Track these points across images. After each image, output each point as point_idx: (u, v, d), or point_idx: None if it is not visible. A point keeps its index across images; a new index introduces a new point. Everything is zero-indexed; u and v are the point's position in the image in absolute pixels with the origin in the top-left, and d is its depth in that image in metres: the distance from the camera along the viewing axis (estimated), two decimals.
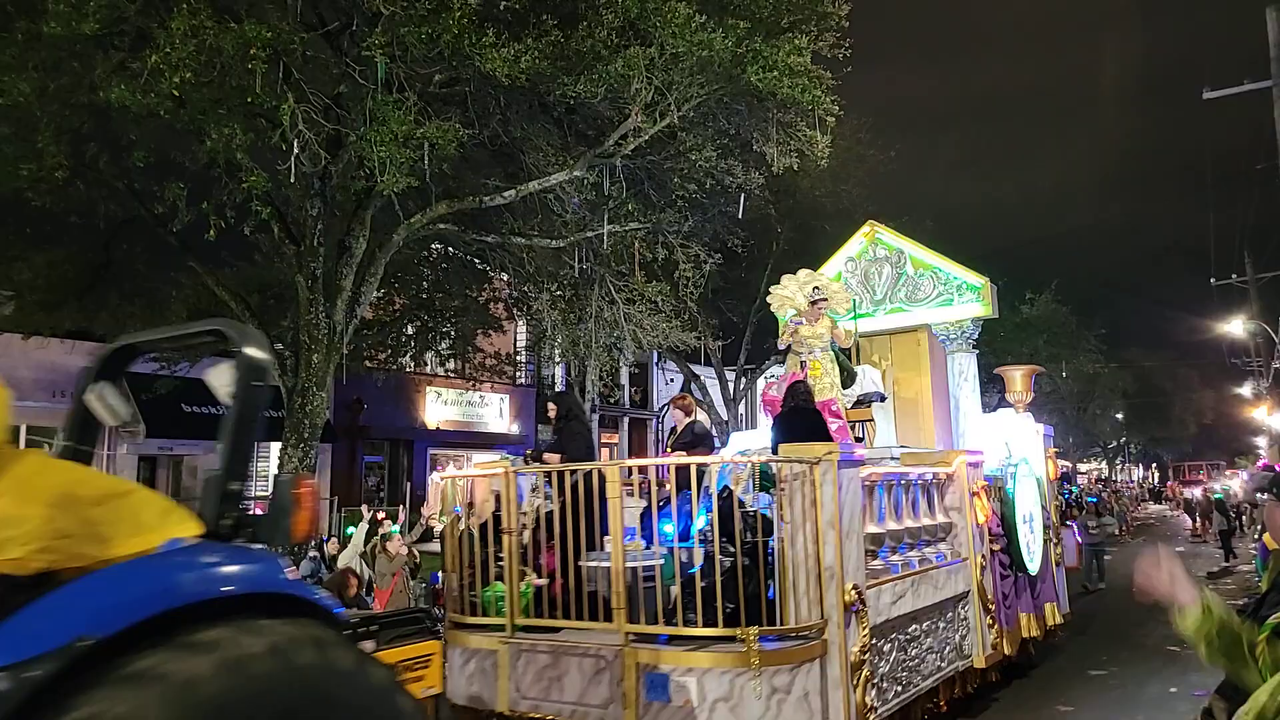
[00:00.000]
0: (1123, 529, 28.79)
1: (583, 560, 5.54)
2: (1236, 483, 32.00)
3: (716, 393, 23.63)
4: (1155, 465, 66.90)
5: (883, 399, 9.24)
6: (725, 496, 5.51)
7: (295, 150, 9.10)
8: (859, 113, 19.56)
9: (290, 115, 8.74)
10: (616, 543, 5.27)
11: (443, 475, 6.99)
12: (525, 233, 13.01)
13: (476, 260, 15.27)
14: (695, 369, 24.06)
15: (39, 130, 9.29)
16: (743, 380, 23.64)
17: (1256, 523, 16.62)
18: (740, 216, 14.71)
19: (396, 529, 11.24)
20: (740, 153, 12.26)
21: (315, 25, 9.88)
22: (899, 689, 5.99)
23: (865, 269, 10.56)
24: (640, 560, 5.50)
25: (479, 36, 8.93)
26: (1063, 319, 32.84)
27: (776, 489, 5.39)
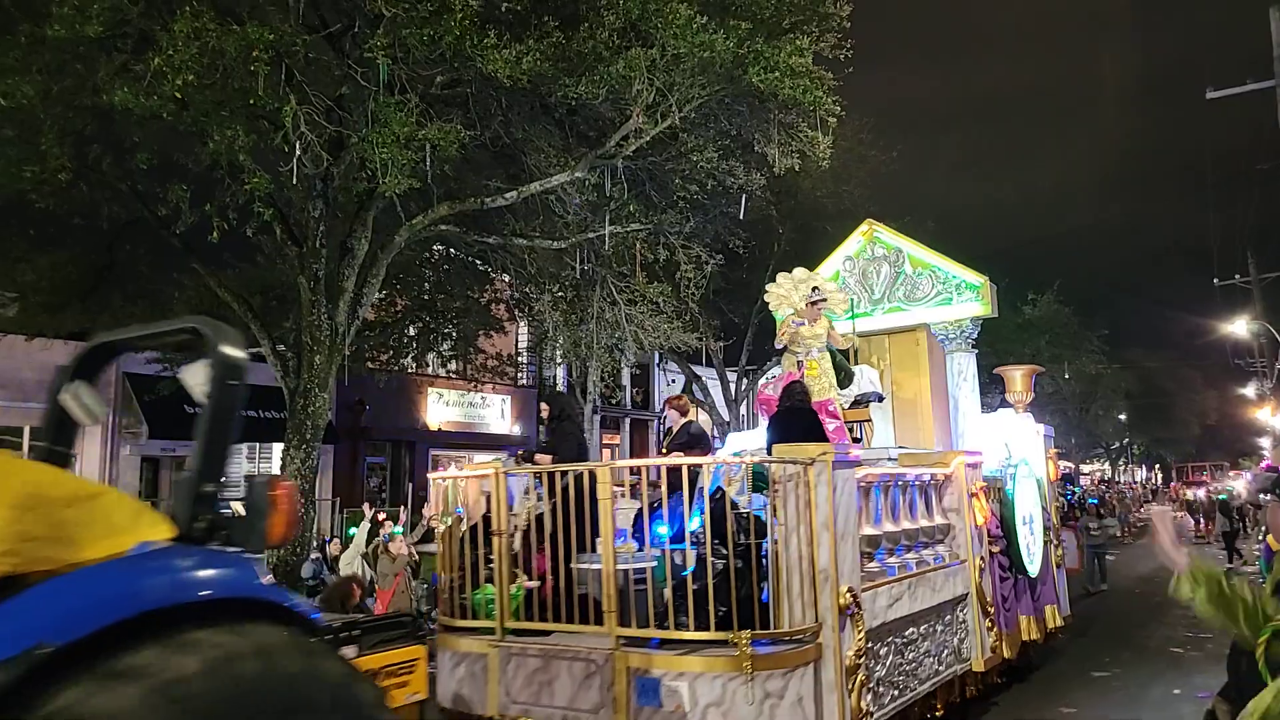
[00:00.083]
0: (1124, 530, 28.74)
1: (574, 562, 5.46)
2: (1240, 484, 31.89)
3: (718, 393, 23.64)
4: (1158, 466, 66.75)
5: (881, 399, 9.15)
6: (718, 498, 5.43)
7: (297, 152, 9.12)
8: (860, 113, 19.61)
9: (292, 117, 8.76)
10: (607, 545, 5.19)
11: (432, 476, 6.89)
12: (527, 234, 13.03)
13: (478, 261, 15.28)
14: (697, 370, 24.08)
15: (42, 132, 9.32)
16: (744, 381, 23.64)
17: (1260, 524, 16.58)
18: (742, 217, 14.72)
19: (399, 530, 11.25)
20: (742, 154, 12.26)
21: (317, 27, 9.89)
22: (895, 693, 5.92)
23: (863, 268, 10.50)
24: (632, 563, 5.43)
25: (480, 38, 8.94)
26: (1065, 320, 32.81)
27: (770, 490, 5.30)
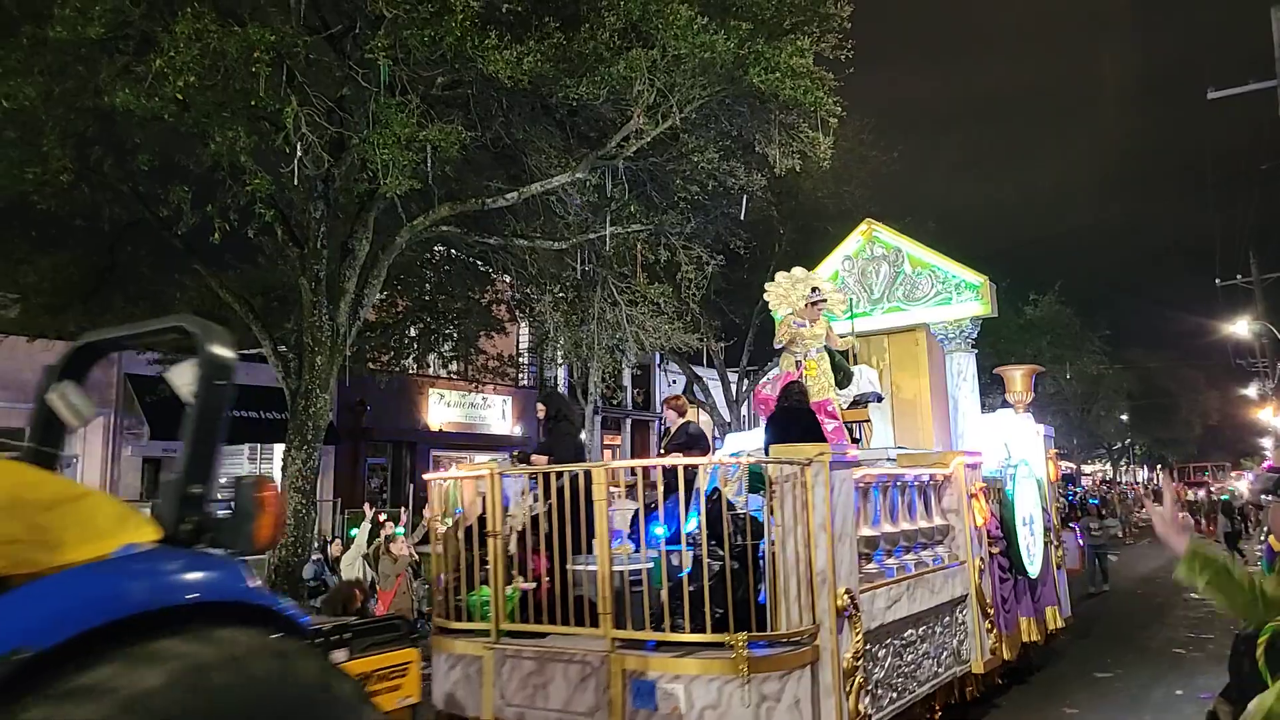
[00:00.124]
0: (1126, 531, 28.69)
1: (570, 564, 5.42)
2: (1243, 484, 31.88)
3: (719, 394, 23.64)
4: (1160, 467, 66.67)
5: (880, 399, 9.11)
6: (714, 498, 5.39)
7: (299, 153, 9.13)
8: (861, 114, 19.61)
9: (294, 118, 8.77)
10: (602, 546, 5.15)
11: (427, 477, 6.80)
12: (528, 234, 13.03)
13: (479, 262, 15.29)
14: (698, 370, 24.07)
15: (44, 134, 9.34)
16: (745, 382, 23.63)
17: (1262, 524, 16.54)
18: (742, 218, 14.73)
19: (401, 530, 11.25)
20: (742, 154, 12.27)
21: (318, 28, 9.91)
22: (894, 695, 5.87)
23: (862, 267, 10.46)
24: (627, 564, 5.38)
25: (481, 39, 8.95)
26: (1066, 320, 32.79)
27: (766, 491, 5.25)
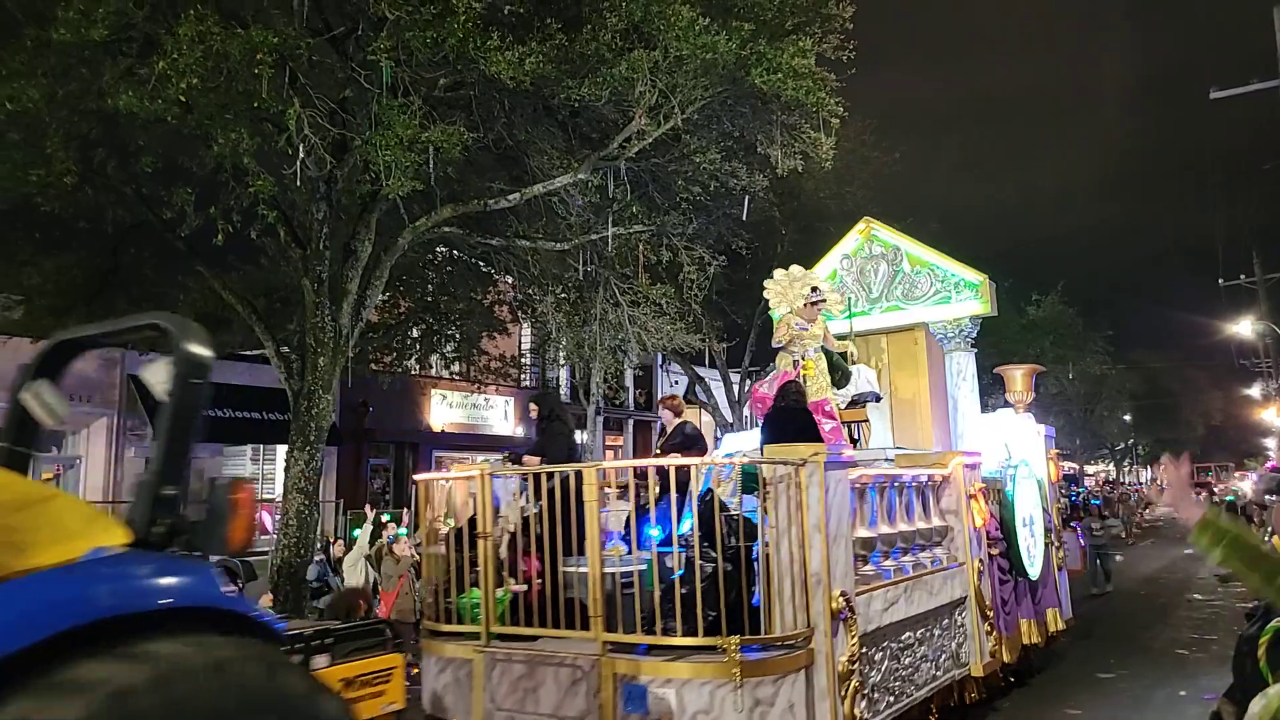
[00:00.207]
0: (1128, 531, 28.63)
1: (562, 566, 5.35)
2: (1247, 484, 31.81)
3: (721, 395, 23.64)
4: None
5: (878, 399, 9.07)
6: (707, 499, 5.33)
7: (301, 154, 9.14)
8: (863, 115, 19.61)
9: (296, 120, 8.78)
10: (593, 547, 5.08)
11: (418, 478, 6.72)
12: (530, 235, 13.04)
13: (481, 263, 15.29)
14: (700, 371, 24.07)
15: (48, 136, 9.35)
16: (747, 382, 23.60)
17: (1266, 525, 16.50)
18: (744, 219, 14.72)
19: (404, 531, 11.26)
20: (744, 155, 12.25)
21: (321, 30, 9.92)
22: (891, 699, 5.80)
23: (861, 266, 10.41)
24: (619, 566, 5.31)
25: (483, 40, 8.95)
26: (1069, 320, 32.76)
27: (760, 491, 5.18)
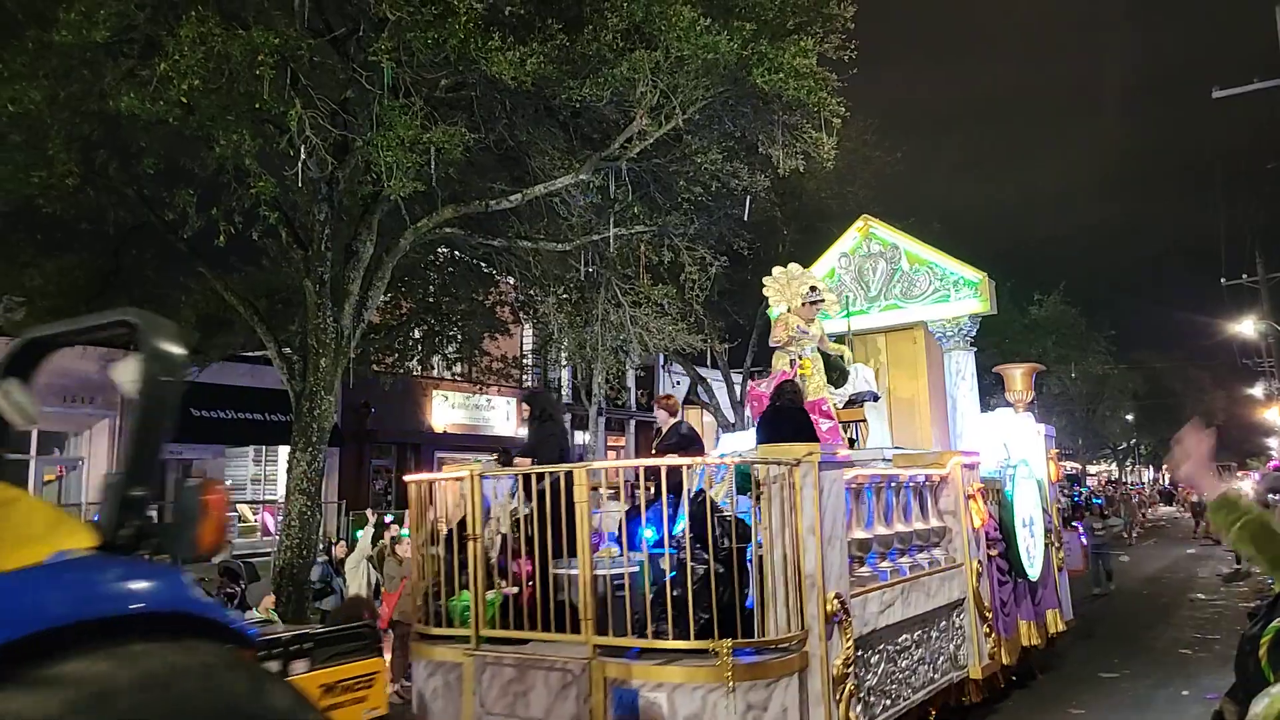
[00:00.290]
0: (1129, 530, 28.57)
1: (553, 568, 5.28)
2: (1249, 484, 31.72)
3: (723, 395, 23.62)
4: (1165, 467, 66.45)
5: (876, 398, 9.01)
6: (699, 500, 5.26)
7: (303, 155, 9.15)
8: (864, 115, 19.61)
9: (298, 121, 8.79)
10: (584, 549, 5.02)
11: (408, 479, 6.56)
12: (531, 236, 13.04)
13: (483, 264, 15.29)
14: (701, 371, 24.05)
15: (50, 138, 9.36)
16: (749, 382, 23.60)
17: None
18: (746, 219, 14.71)
19: (406, 533, 11.24)
20: (746, 155, 12.25)
21: (322, 31, 9.93)
22: (888, 703, 5.74)
23: (859, 264, 10.35)
24: (610, 568, 5.24)
25: (485, 41, 8.96)
26: (1071, 320, 32.72)
27: (753, 492, 5.09)
